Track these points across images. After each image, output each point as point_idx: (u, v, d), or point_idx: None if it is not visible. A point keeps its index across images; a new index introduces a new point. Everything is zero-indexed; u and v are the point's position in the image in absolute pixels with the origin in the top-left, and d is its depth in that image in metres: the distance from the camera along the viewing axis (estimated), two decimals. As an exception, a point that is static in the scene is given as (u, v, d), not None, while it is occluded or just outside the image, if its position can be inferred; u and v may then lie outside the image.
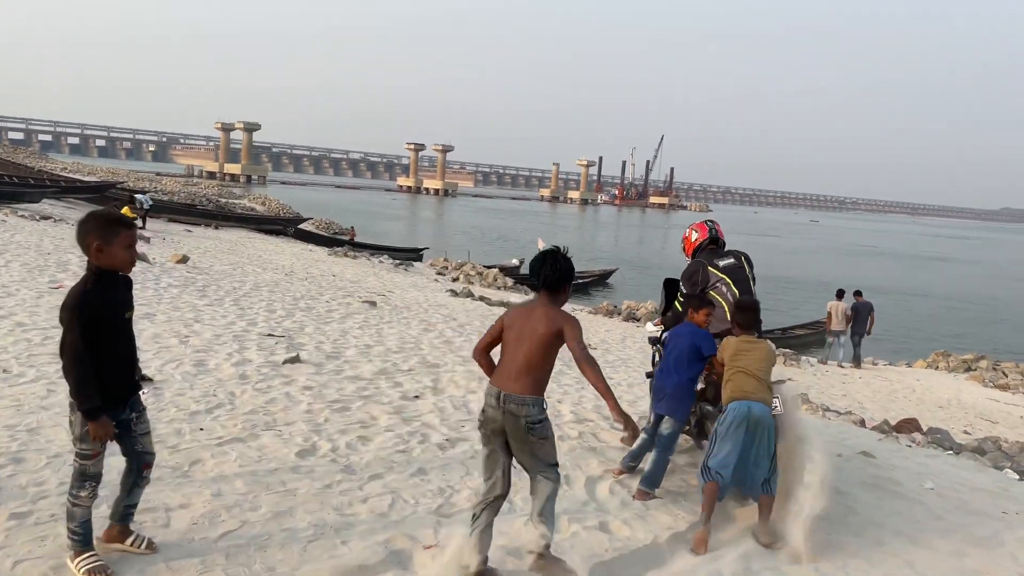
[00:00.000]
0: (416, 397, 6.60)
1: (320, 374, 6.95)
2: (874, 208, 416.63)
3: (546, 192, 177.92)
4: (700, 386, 5.35)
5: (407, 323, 11.04)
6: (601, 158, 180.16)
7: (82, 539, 3.25)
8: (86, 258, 3.12)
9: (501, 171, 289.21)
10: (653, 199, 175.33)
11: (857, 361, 17.36)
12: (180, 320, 8.57)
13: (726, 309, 5.17)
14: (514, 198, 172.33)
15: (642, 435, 5.12)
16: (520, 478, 3.77)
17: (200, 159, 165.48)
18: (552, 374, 7.95)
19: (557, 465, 3.59)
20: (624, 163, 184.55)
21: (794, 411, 4.92)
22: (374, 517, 4.09)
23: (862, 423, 8.83)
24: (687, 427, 5.53)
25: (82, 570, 3.19)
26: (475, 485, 4.66)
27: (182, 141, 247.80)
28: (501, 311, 15.66)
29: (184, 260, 14.30)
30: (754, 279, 5.45)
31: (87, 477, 3.18)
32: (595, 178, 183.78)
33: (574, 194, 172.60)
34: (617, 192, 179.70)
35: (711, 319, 4.98)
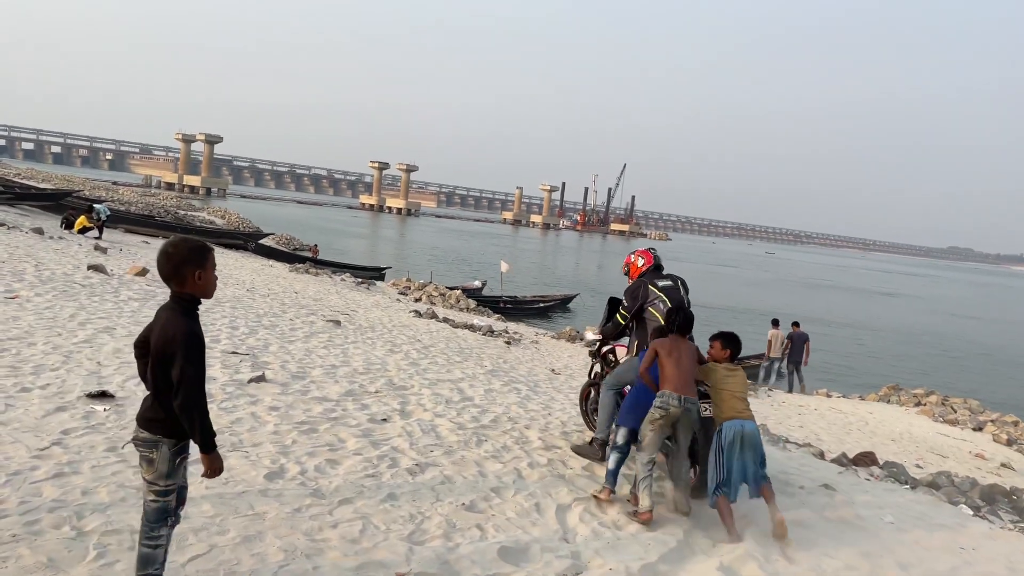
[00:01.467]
0: (384, 420, 6.54)
1: (286, 394, 6.85)
2: (827, 243, 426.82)
3: (509, 215, 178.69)
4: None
5: (372, 344, 10.95)
6: (564, 183, 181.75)
7: None
8: (174, 287, 3.02)
9: (465, 192, 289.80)
10: (614, 226, 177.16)
11: (800, 387, 17.86)
12: (141, 335, 8.38)
13: (661, 321, 5.75)
14: (477, 220, 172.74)
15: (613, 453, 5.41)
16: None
17: (159, 169, 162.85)
18: (519, 399, 8.06)
19: None
20: (586, 189, 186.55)
21: None
22: (345, 543, 4.03)
23: (821, 455, 8.98)
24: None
25: None
26: (446, 512, 4.64)
27: (140, 151, 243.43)
28: (465, 333, 15.63)
29: (144, 273, 14.00)
30: (689, 302, 6.03)
31: (167, 513, 3.07)
32: (557, 203, 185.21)
33: (536, 218, 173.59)
34: (579, 218, 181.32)
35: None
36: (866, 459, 8.88)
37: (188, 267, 3.00)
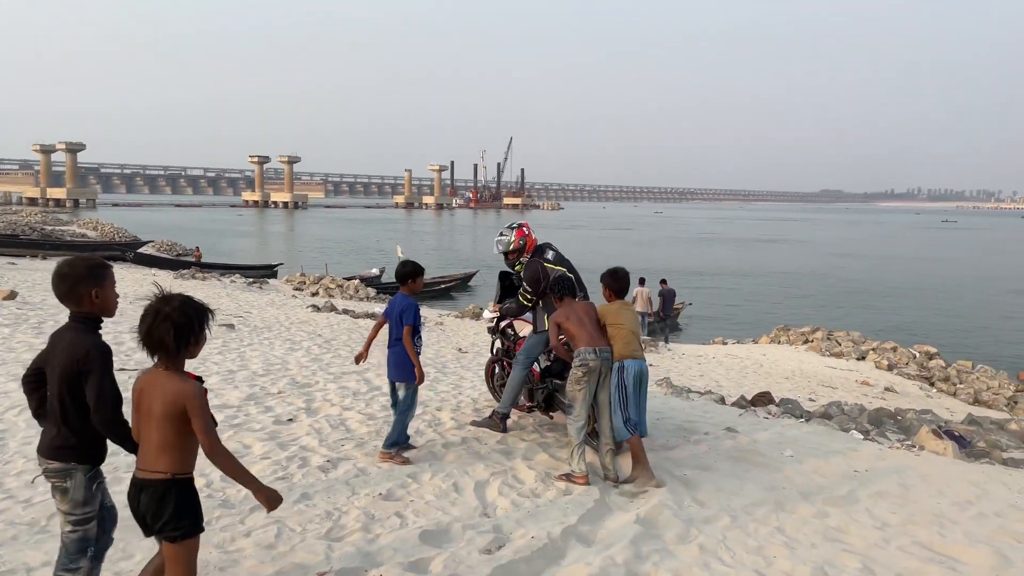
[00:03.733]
0: (290, 420, 6.37)
1: (183, 406, 6.55)
2: (711, 197, 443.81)
3: (400, 199, 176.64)
4: (546, 363, 6.19)
5: (270, 344, 10.63)
6: (453, 162, 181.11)
7: None
8: (72, 307, 2.90)
9: (353, 180, 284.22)
10: (507, 200, 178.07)
11: (665, 338, 19.23)
12: (16, 362, 7.82)
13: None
14: (368, 207, 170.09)
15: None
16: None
17: (17, 185, 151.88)
18: (429, 381, 7.99)
19: None
20: (476, 166, 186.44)
21: None
22: (261, 550, 3.91)
23: (722, 400, 9.37)
24: (535, 403, 6.33)
25: None
26: (363, 504, 4.57)
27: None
28: (368, 322, 15.39)
29: (12, 296, 13.05)
30: (568, 261, 6.35)
31: (88, 543, 2.92)
32: (448, 183, 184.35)
33: (429, 199, 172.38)
34: (471, 195, 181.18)
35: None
36: (763, 399, 9.33)
37: (84, 286, 2.88)
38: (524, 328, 6.69)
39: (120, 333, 9.68)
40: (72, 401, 2.83)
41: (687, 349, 18.00)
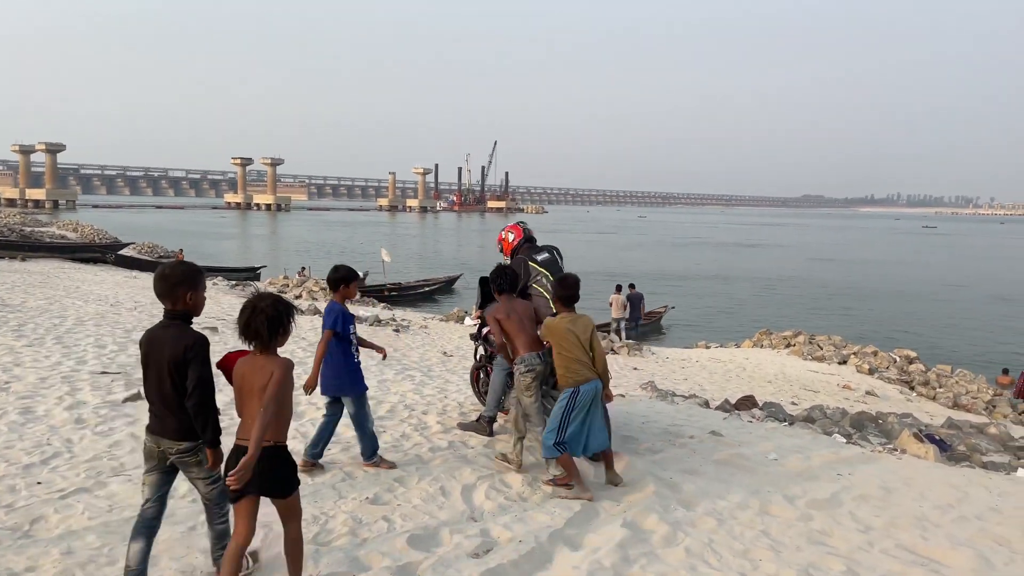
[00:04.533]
0: (276, 424, 6.33)
1: (167, 409, 6.50)
2: (693, 202, 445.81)
3: (384, 202, 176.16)
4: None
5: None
6: (437, 165, 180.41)
7: None
8: (168, 305, 3.33)
9: (336, 183, 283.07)
10: (491, 203, 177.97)
11: (635, 340, 19.84)
12: (-5, 365, 7.73)
13: (547, 299, 5.91)
14: (352, 209, 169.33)
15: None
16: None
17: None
18: (414, 386, 7.99)
19: None
20: (460, 169, 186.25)
21: None
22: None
23: (706, 404, 9.42)
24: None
25: None
26: (350, 509, 4.56)
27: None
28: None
29: (-9, 298, 12.90)
30: (562, 269, 6.21)
31: (223, 490, 3.35)
32: (432, 185, 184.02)
33: (412, 202, 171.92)
34: (455, 198, 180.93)
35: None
36: (747, 403, 9.40)
37: (182, 288, 3.31)
38: None
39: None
40: (181, 387, 3.25)
41: (671, 353, 18.08)
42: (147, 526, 3.47)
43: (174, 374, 3.23)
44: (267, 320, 3.24)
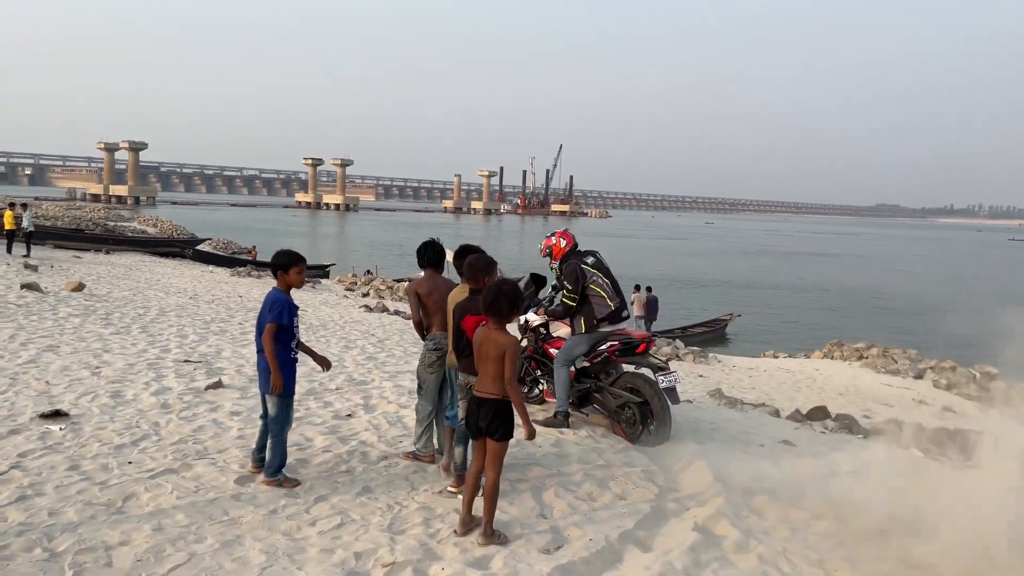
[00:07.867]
0: (349, 415, 6.51)
1: (246, 398, 6.75)
2: (761, 209, 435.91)
3: (449, 203, 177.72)
4: (583, 364, 6.51)
5: (326, 341, 10.84)
6: (502, 168, 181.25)
7: None
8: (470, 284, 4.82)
9: (403, 184, 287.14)
10: (555, 207, 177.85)
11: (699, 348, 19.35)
12: (88, 351, 8.14)
13: (604, 297, 6.36)
14: (417, 210, 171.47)
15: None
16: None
17: (82, 181, 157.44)
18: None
19: None
20: (525, 172, 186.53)
21: None
22: (326, 539, 4.01)
23: (776, 413, 9.25)
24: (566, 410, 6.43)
25: None
26: (423, 500, 4.66)
27: (62, 164, 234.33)
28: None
29: (80, 288, 13.56)
30: (610, 271, 6.61)
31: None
32: (497, 188, 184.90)
33: (477, 204, 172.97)
34: (519, 201, 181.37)
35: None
36: (819, 413, 9.19)
37: (483, 273, 4.83)
38: (559, 328, 6.86)
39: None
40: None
41: (737, 361, 17.76)
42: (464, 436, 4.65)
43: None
44: (508, 302, 3.98)
